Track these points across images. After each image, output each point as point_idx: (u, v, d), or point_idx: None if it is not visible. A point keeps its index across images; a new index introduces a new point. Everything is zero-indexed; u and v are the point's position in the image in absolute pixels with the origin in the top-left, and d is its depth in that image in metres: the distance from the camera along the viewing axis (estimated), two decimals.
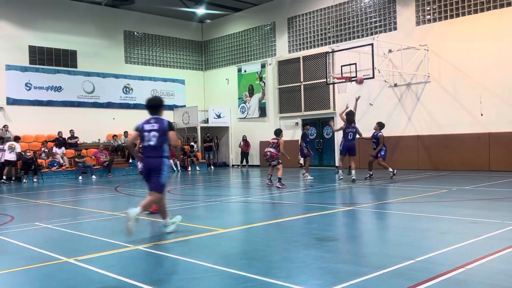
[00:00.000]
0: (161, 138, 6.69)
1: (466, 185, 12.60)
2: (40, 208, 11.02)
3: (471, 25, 17.42)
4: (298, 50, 23.18)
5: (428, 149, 18.49)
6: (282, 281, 4.44)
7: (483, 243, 5.83)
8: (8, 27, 21.22)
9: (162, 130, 6.68)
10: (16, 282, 4.85)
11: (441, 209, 8.61)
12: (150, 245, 6.20)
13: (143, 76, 25.49)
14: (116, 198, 12.64)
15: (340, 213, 8.64)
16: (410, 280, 4.37)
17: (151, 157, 6.73)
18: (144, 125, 6.79)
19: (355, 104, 14.96)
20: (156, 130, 6.69)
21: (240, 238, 6.81)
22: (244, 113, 25.58)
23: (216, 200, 11.08)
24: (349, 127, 14.34)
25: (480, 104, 17.23)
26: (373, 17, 20.26)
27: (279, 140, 14.04)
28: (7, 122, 20.64)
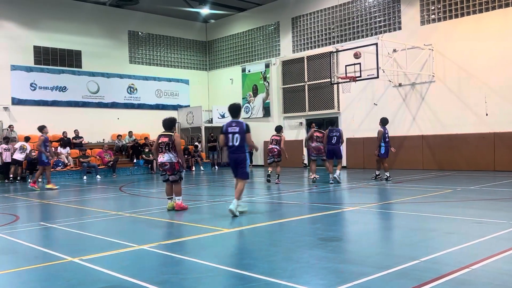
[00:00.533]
0: (242, 139, 8.45)
1: (471, 185, 12.55)
2: (45, 207, 11.05)
3: (476, 24, 17.35)
4: (302, 50, 23.16)
5: (433, 149, 18.43)
6: (286, 281, 4.43)
7: (488, 243, 5.80)
8: (13, 28, 21.31)
9: (242, 133, 8.44)
10: (21, 281, 4.87)
11: (445, 209, 8.58)
12: (154, 244, 6.21)
13: (148, 76, 25.54)
14: (120, 198, 12.66)
15: (344, 213, 8.62)
16: (414, 280, 4.35)
17: (236, 153, 8.53)
18: (228, 128, 8.59)
19: None
20: (237, 132, 8.46)
21: (244, 238, 6.81)
22: (248, 113, 25.58)
23: (220, 200, 11.08)
24: (333, 131, 13.94)
25: (485, 103, 17.17)
26: (377, 16, 20.22)
27: (282, 137, 14.59)
28: (12, 122, 20.72)
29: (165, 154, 9.16)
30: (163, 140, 9.21)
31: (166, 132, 9.37)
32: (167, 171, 9.22)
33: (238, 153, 8.49)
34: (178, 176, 9.26)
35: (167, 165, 9.17)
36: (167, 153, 9.14)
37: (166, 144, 9.17)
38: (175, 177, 9.24)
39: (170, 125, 9.44)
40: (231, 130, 8.52)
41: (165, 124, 9.45)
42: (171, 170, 9.19)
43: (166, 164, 9.16)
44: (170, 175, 9.22)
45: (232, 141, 8.48)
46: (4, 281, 4.89)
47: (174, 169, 9.19)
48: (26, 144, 18.92)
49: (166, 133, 9.35)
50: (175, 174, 9.22)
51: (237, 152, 8.50)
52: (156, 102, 25.76)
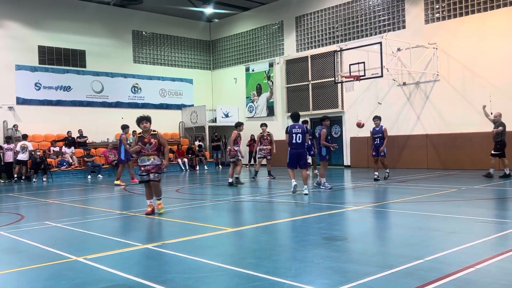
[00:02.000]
0: (303, 138, 11.04)
1: (475, 184, 12.51)
2: (50, 207, 11.09)
3: (481, 23, 17.28)
4: (306, 49, 23.13)
5: (437, 148, 18.37)
6: (290, 280, 4.43)
7: (493, 243, 5.79)
8: (17, 28, 21.39)
9: (303, 133, 11.01)
10: (25, 280, 4.89)
11: (450, 209, 8.55)
12: (158, 244, 6.22)
13: (152, 76, 25.58)
14: (124, 197, 12.69)
15: (348, 212, 8.61)
16: (419, 280, 4.34)
17: (299, 149, 11.00)
18: (292, 129, 11.05)
19: None
20: (300, 133, 11.00)
21: (248, 237, 6.81)
22: (252, 112, 25.58)
23: (224, 199, 11.08)
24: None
25: (490, 102, 17.08)
26: (381, 15, 20.17)
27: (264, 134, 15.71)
28: (17, 122, 20.81)
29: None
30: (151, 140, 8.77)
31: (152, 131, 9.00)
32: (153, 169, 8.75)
33: (301, 149, 11.01)
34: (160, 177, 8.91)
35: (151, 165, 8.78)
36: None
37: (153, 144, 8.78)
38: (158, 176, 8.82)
39: None
40: (294, 131, 10.99)
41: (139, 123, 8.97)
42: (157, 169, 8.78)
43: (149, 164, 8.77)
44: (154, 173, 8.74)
45: (296, 139, 10.93)
46: (9, 280, 4.92)
47: (159, 168, 8.84)
48: (26, 143, 18.99)
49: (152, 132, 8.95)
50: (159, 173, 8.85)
51: (300, 148, 10.99)
52: (160, 101, 25.79)
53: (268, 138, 15.73)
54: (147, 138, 8.73)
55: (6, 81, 20.82)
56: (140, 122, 8.82)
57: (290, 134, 11.03)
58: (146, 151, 8.71)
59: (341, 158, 21.74)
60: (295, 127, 11.09)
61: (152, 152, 8.70)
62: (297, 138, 10.94)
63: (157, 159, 8.78)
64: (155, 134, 8.83)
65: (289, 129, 11.10)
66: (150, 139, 8.71)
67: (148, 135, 8.77)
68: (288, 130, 11.11)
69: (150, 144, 8.68)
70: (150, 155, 8.71)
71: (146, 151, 8.70)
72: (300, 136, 10.96)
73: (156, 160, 8.74)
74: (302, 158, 11.08)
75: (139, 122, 8.84)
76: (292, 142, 10.99)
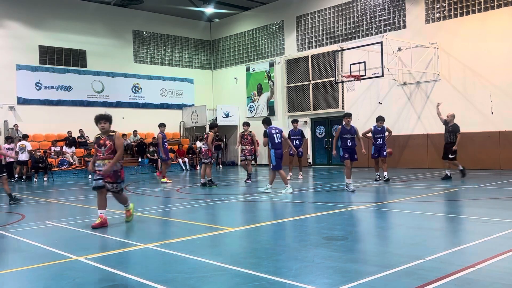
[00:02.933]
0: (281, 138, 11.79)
1: (476, 184, 12.50)
2: (50, 206, 11.10)
3: (481, 23, 17.27)
4: (306, 48, 23.13)
5: (438, 148, 18.32)
6: (291, 280, 4.43)
7: (494, 243, 5.78)
8: (18, 28, 21.40)
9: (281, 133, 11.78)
10: (26, 280, 4.89)
11: (450, 208, 8.55)
12: (159, 243, 6.22)
13: (152, 76, 25.59)
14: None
15: (348, 212, 8.60)
16: (419, 279, 4.34)
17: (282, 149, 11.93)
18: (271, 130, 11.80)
19: None
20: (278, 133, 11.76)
21: (248, 237, 6.81)
22: (252, 112, 25.59)
23: (225, 199, 11.08)
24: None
25: (491, 102, 17.09)
26: (382, 15, 20.16)
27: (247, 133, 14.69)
28: (18, 122, 20.83)
29: None
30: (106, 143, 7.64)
31: None
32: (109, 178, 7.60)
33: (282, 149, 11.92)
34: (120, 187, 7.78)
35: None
36: None
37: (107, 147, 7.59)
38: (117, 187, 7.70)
39: None
40: (274, 131, 11.72)
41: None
42: (114, 178, 7.63)
43: None
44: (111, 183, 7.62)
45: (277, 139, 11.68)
46: (10, 280, 4.92)
47: (119, 177, 7.68)
48: (25, 143, 19.00)
49: None
50: (118, 183, 7.71)
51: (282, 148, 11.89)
52: (160, 101, 25.80)
53: (249, 138, 14.63)
54: (102, 140, 7.66)
55: (7, 81, 20.84)
56: (98, 122, 7.75)
57: (271, 136, 11.67)
58: (101, 154, 7.59)
59: None
60: (273, 128, 11.86)
61: (107, 156, 7.55)
62: (278, 138, 11.70)
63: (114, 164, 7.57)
64: (111, 135, 7.71)
65: (268, 132, 11.76)
66: (105, 141, 7.61)
67: (105, 137, 7.68)
68: (268, 133, 11.75)
69: (105, 147, 7.57)
70: (105, 158, 7.56)
71: (101, 154, 7.59)
72: (279, 135, 11.75)
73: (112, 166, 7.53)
74: (282, 157, 11.87)
75: (96, 121, 7.78)
76: (276, 142, 11.63)
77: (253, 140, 14.72)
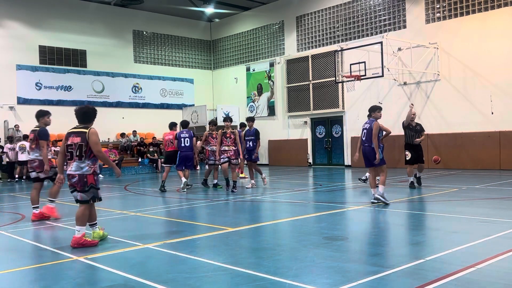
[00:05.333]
0: (191, 141, 12.54)
1: (476, 184, 12.50)
2: None
3: (482, 22, 17.27)
4: (306, 48, 23.13)
5: (438, 148, 18.36)
6: (291, 280, 4.43)
7: (494, 243, 5.78)
8: (18, 27, 21.40)
9: (190, 137, 12.38)
10: (26, 280, 4.89)
11: (451, 208, 8.55)
12: (159, 243, 6.22)
13: (152, 76, 25.60)
14: (125, 197, 12.69)
15: (349, 212, 8.60)
16: (420, 279, 4.34)
17: (188, 151, 12.59)
18: (181, 134, 12.63)
19: None
20: (187, 137, 12.57)
21: (248, 237, 6.80)
22: (253, 112, 25.58)
23: (225, 199, 11.08)
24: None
25: (491, 102, 17.09)
26: (382, 15, 20.16)
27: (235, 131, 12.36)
28: (18, 122, 20.83)
29: (74, 162, 6.22)
30: (74, 141, 6.27)
31: (79, 128, 6.40)
32: (75, 185, 6.22)
33: (189, 151, 12.65)
34: (91, 194, 6.28)
35: (75, 178, 6.20)
36: (77, 161, 6.20)
37: (78, 146, 6.21)
38: (85, 195, 6.24)
39: (89, 117, 6.53)
40: (183, 135, 12.64)
41: (80, 115, 6.50)
42: (81, 185, 6.19)
43: (74, 176, 6.20)
44: (79, 191, 6.22)
45: (184, 143, 12.50)
46: (10, 280, 4.92)
47: (85, 184, 6.21)
48: (25, 143, 18.98)
49: (78, 129, 6.38)
50: (86, 191, 6.22)
51: (188, 151, 12.63)
52: (160, 101, 25.81)
53: (231, 137, 12.06)
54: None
55: (7, 81, 20.84)
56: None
57: (179, 139, 12.68)
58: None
59: (342, 158, 21.74)
60: (183, 132, 12.76)
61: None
62: (185, 142, 12.59)
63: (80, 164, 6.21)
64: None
65: (177, 135, 12.75)
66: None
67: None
68: (177, 136, 12.73)
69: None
70: None
71: None
72: (188, 140, 12.61)
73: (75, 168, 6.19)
74: (189, 159, 12.72)
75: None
76: (181, 145, 12.64)
77: (237, 140, 12.12)
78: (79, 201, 6.30)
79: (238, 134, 12.30)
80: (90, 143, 6.22)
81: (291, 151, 23.46)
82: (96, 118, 6.66)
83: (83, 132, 6.28)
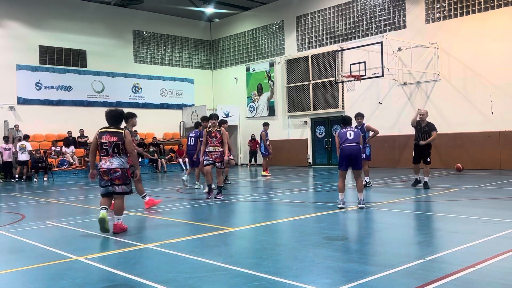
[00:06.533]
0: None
1: (476, 184, 12.50)
2: (51, 206, 11.10)
3: (482, 22, 17.26)
4: (306, 48, 23.13)
5: (438, 148, 18.34)
6: (291, 280, 4.43)
7: (494, 243, 5.78)
8: (18, 27, 21.40)
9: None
10: (26, 280, 4.89)
11: (451, 208, 8.55)
12: (159, 243, 6.22)
13: (152, 76, 25.60)
14: (125, 197, 12.66)
15: (349, 212, 8.60)
16: (419, 279, 4.34)
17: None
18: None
19: None
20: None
21: (248, 237, 6.81)
22: (253, 112, 25.59)
23: (224, 199, 11.07)
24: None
25: (491, 102, 17.09)
26: (382, 15, 20.16)
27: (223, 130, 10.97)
28: (18, 122, 20.83)
29: (113, 158, 6.98)
30: (110, 140, 7.00)
31: (113, 128, 7.14)
32: (116, 180, 7.01)
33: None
34: (130, 187, 7.25)
35: (118, 172, 6.98)
36: (116, 157, 6.99)
37: (114, 145, 6.98)
38: (127, 188, 7.16)
39: (119, 119, 7.37)
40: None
41: (110, 118, 7.22)
42: (123, 179, 7.04)
43: (117, 171, 6.97)
44: (120, 184, 7.05)
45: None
46: (10, 280, 4.92)
47: (127, 178, 7.11)
48: (25, 143, 19.01)
49: (112, 129, 7.12)
50: (127, 183, 7.13)
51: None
52: (160, 101, 25.81)
53: (217, 136, 10.72)
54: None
55: (7, 81, 20.84)
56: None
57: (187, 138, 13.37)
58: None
59: None
60: (192, 132, 13.20)
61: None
62: (190, 141, 12.91)
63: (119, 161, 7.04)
64: None
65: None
66: None
67: None
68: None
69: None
70: None
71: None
72: (193, 139, 12.87)
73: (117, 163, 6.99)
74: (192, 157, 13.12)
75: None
76: (188, 144, 13.30)
77: (224, 139, 10.72)
78: (120, 193, 7.14)
79: (225, 133, 10.79)
80: (126, 142, 7.02)
81: (291, 151, 23.46)
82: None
83: (119, 132, 7.05)
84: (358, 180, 8.95)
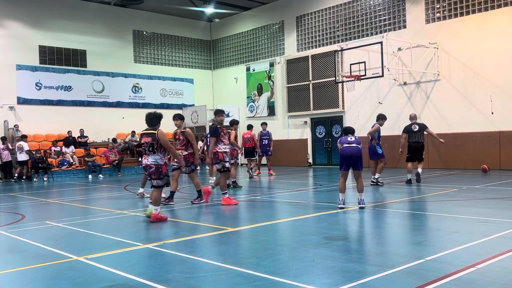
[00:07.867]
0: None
1: (476, 184, 12.50)
2: (51, 206, 11.10)
3: (482, 22, 17.27)
4: (306, 48, 23.13)
5: (438, 148, 18.36)
6: (291, 280, 4.43)
7: (494, 243, 5.78)
8: (18, 27, 21.40)
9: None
10: (26, 280, 4.89)
11: (450, 208, 8.55)
12: (159, 243, 6.22)
13: (152, 76, 25.60)
14: (125, 197, 12.69)
15: (349, 212, 8.60)
16: (420, 279, 4.34)
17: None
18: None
19: None
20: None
21: (248, 237, 6.80)
22: (253, 112, 25.59)
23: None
24: None
25: (491, 102, 17.09)
26: (382, 15, 20.16)
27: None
28: (18, 122, 20.84)
29: (149, 156, 8.08)
30: (146, 140, 8.08)
31: (149, 130, 8.17)
32: (152, 175, 8.10)
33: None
34: (165, 181, 8.18)
35: (152, 168, 8.05)
36: (152, 155, 8.05)
37: (149, 144, 8.04)
38: (161, 182, 8.13)
39: (154, 121, 8.21)
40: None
41: (148, 120, 8.23)
42: (157, 174, 8.08)
43: (152, 167, 8.05)
44: (155, 179, 8.09)
45: None
46: (10, 280, 4.92)
47: (161, 173, 8.09)
48: (22, 143, 19.00)
49: (148, 131, 8.16)
50: (161, 178, 8.12)
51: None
52: (160, 101, 25.81)
53: (181, 138, 10.02)
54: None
55: (7, 81, 20.85)
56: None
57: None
58: None
59: None
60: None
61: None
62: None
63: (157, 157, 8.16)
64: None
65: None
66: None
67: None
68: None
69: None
70: None
71: None
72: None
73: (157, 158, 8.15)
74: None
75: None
76: None
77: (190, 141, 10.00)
78: (155, 186, 8.07)
79: (191, 134, 10.02)
80: (161, 141, 7.99)
81: (291, 151, 23.46)
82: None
83: (152, 133, 8.05)
84: (359, 180, 8.96)
